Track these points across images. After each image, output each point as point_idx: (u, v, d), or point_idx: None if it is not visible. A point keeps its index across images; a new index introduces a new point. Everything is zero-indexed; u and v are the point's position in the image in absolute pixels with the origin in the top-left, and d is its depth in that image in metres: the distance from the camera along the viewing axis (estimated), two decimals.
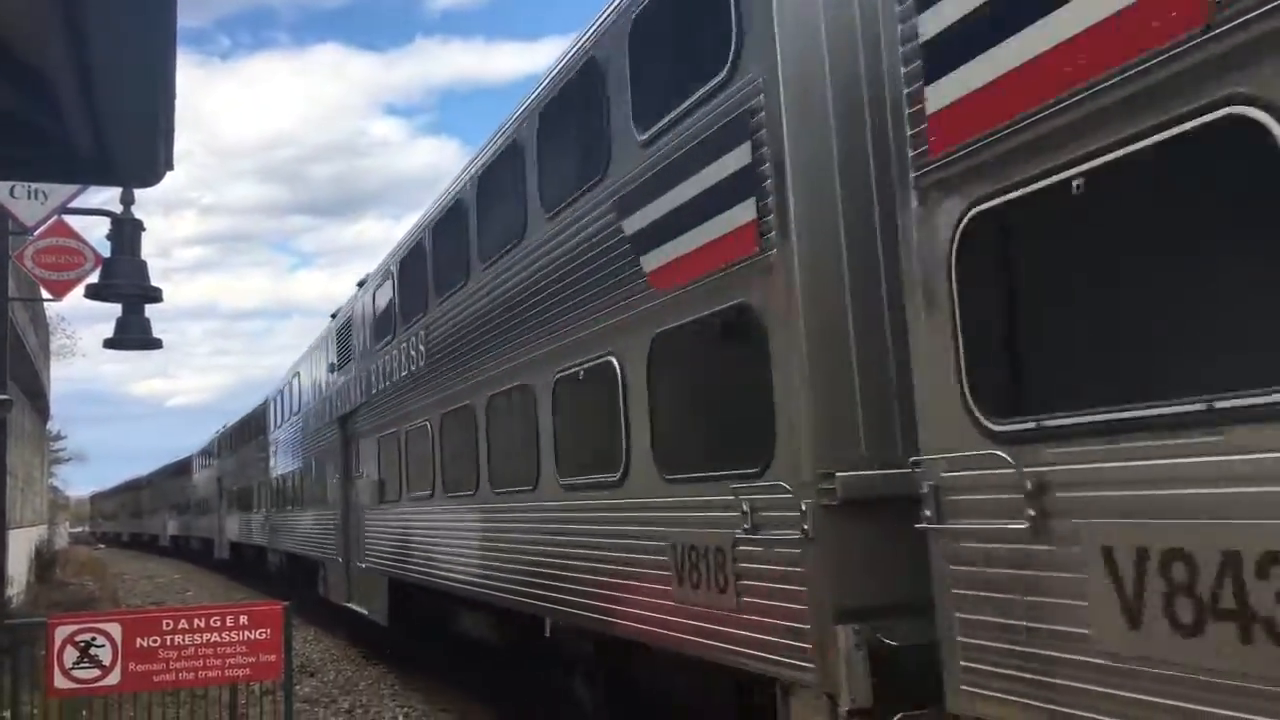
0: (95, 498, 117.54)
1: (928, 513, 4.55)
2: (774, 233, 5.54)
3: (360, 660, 16.64)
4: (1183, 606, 3.43)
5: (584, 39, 8.00)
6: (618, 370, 7.37)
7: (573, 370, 8.18)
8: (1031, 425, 4.05)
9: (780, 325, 5.52)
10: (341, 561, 17.38)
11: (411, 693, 13.75)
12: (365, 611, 15.89)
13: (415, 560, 13.02)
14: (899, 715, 4.91)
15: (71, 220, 13.29)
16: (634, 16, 7.17)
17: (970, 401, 4.37)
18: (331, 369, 18.29)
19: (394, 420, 13.99)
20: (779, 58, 5.55)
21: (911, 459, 4.77)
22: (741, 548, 5.84)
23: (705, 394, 6.63)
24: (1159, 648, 3.51)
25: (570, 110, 8.41)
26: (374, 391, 15.11)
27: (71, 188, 11.31)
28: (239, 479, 32.59)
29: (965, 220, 4.36)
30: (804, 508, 5.27)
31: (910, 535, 4.69)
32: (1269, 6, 3.18)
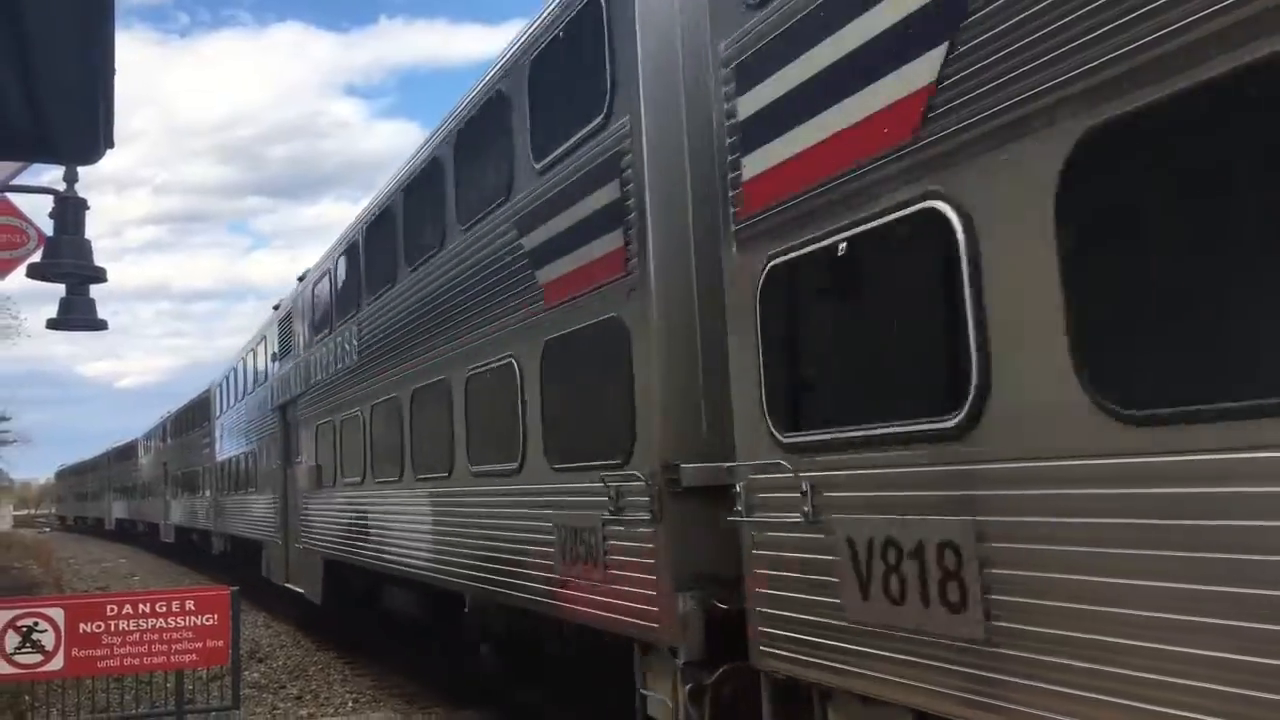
0: (62, 473, 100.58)
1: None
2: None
3: (310, 645, 16.53)
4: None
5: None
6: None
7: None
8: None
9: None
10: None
11: (361, 677, 13.69)
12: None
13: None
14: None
15: (19, 200, 12.98)
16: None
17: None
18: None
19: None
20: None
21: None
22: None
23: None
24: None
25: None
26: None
27: (13, 165, 11.06)
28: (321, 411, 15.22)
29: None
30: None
31: None
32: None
